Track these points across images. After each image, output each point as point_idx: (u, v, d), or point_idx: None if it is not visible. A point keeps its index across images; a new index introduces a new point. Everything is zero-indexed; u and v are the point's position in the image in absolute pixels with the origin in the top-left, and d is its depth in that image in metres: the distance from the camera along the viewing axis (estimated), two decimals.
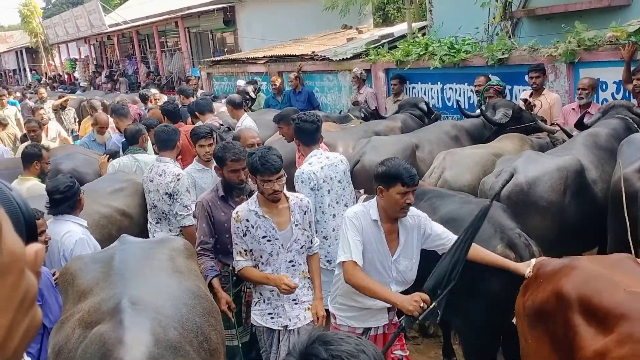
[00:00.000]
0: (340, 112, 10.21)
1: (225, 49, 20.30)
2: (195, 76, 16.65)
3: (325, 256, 4.54)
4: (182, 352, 2.70)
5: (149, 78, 20.96)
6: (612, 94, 7.14)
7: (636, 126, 5.48)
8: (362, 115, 9.03)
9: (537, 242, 4.51)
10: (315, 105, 11.25)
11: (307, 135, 4.57)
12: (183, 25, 19.39)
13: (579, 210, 4.69)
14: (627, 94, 6.90)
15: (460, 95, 9.22)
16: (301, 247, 3.77)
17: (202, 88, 15.49)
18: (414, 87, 10.05)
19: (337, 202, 4.56)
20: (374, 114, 8.50)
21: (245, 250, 3.75)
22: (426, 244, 3.51)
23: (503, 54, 8.18)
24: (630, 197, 4.17)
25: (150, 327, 2.63)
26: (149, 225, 5.29)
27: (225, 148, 4.16)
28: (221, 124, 7.46)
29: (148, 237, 5.10)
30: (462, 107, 8.02)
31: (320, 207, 4.52)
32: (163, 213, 5.15)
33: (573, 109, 6.94)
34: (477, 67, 8.63)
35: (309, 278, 3.85)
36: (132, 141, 6.37)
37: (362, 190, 5.18)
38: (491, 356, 3.63)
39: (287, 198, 3.78)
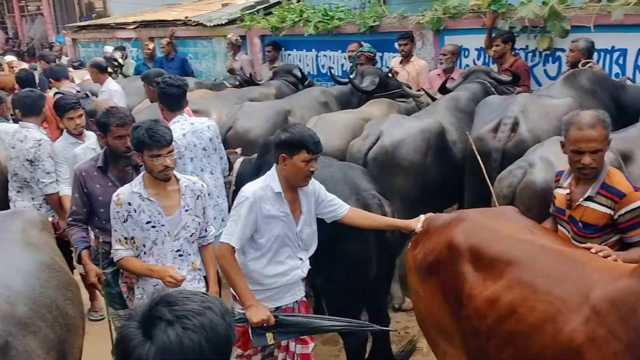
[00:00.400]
0: (215, 80, 10.00)
1: (94, 14, 19.17)
2: (59, 42, 15.60)
3: None
4: (34, 328, 2.54)
5: (7, 45, 19.40)
6: (474, 60, 7.52)
7: (494, 89, 5.80)
8: (238, 83, 8.91)
9: (402, 201, 4.72)
10: (189, 73, 10.89)
11: (171, 100, 4.40)
12: None
13: (440, 169, 4.93)
14: (487, 60, 7.29)
15: (334, 62, 9.33)
16: (191, 235, 3.42)
17: (66, 55, 14.56)
18: (289, 54, 10.02)
19: (202, 170, 4.41)
20: (249, 81, 8.40)
21: (125, 238, 3.38)
22: (318, 210, 3.44)
23: (374, 21, 8.34)
24: (484, 155, 4.43)
25: None
26: (10, 194, 4.97)
27: (109, 113, 3.80)
28: (78, 91, 7.07)
29: (9, 208, 4.78)
30: (335, 74, 8.11)
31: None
32: (25, 181, 4.90)
33: (438, 74, 7.24)
34: (350, 35, 8.74)
35: (199, 270, 3.53)
36: None
37: (238, 150, 5.11)
38: (355, 316, 3.70)
39: (177, 180, 3.43)
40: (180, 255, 3.41)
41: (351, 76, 6.98)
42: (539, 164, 3.66)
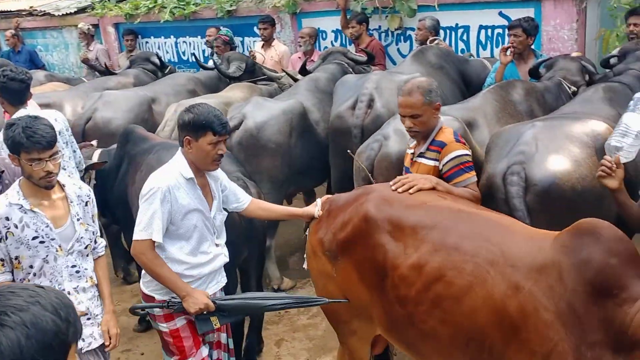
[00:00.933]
0: (74, 75, 9.49)
1: None
2: None
3: None
4: None
5: None
6: (332, 42, 7.72)
7: (351, 69, 6.00)
8: (97, 74, 8.48)
9: (271, 182, 4.79)
10: (39, 66, 10.26)
11: (14, 94, 4.12)
12: None
13: (305, 149, 5.04)
14: (344, 41, 7.51)
15: (194, 48, 9.18)
16: (85, 247, 3.03)
17: None
18: (147, 42, 9.72)
19: None
20: (105, 71, 8.05)
21: (1, 260, 2.86)
22: (222, 199, 3.25)
23: (231, 5, 8.30)
24: (344, 132, 4.60)
25: None
26: None
27: None
28: None
29: None
30: (199, 59, 8.00)
31: None
32: None
33: (299, 57, 7.36)
34: (208, 20, 8.64)
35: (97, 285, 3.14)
36: None
37: (94, 143, 4.90)
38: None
39: (62, 186, 2.99)
40: (77, 272, 3.01)
41: (216, 61, 6.92)
42: (393, 136, 3.86)
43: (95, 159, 4.58)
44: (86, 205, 3.07)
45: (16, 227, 2.84)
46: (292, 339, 4.47)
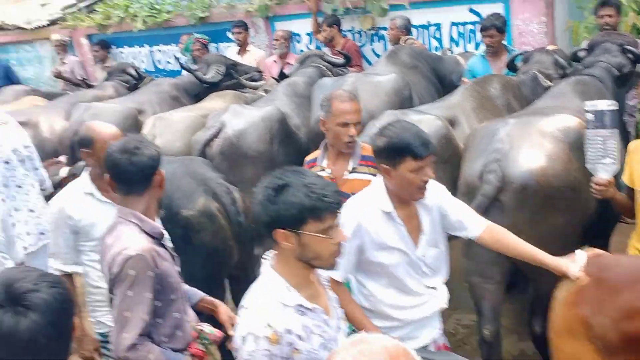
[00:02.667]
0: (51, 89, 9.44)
1: None
2: None
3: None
4: None
5: None
6: (307, 45, 7.77)
7: (329, 72, 6.03)
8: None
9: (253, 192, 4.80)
10: (14, 81, 10.16)
11: None
12: None
13: (287, 155, 5.05)
14: (319, 44, 7.56)
15: (170, 57, 9.16)
16: None
17: None
18: (121, 52, 9.70)
19: (6, 185, 3.99)
20: (82, 85, 8.00)
21: None
22: (445, 224, 2.73)
23: (203, 12, 8.31)
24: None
25: None
26: None
27: None
28: None
29: None
30: (172, 68, 7.98)
31: None
32: None
33: (274, 60, 7.39)
34: (182, 27, 8.64)
35: None
36: None
37: (62, 159, 4.77)
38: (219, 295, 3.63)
39: None
40: None
41: (191, 66, 6.85)
42: None
43: (63, 176, 4.47)
44: None
45: (300, 338, 1.98)
46: None
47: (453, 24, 6.60)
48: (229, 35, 7.94)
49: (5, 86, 8.69)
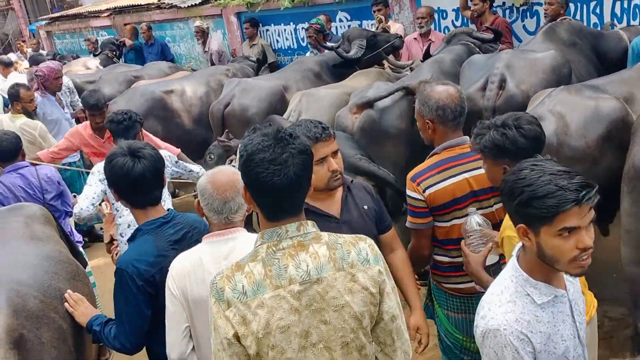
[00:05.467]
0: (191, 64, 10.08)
1: (65, 5, 18.86)
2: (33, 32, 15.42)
3: None
4: (46, 320, 2.58)
5: None
6: (452, 22, 7.53)
7: (478, 49, 5.80)
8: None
9: (391, 169, 4.77)
10: (169, 58, 10.85)
11: None
12: None
13: None
14: (465, 20, 7.30)
15: None
16: None
17: (43, 48, 14.36)
18: (267, 30, 9.97)
19: None
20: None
21: None
22: None
23: None
24: (474, 115, 4.46)
25: (7, 299, 2.48)
26: None
27: None
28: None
29: None
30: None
31: None
32: None
33: (415, 38, 7.25)
34: (327, 5, 8.70)
35: None
36: None
37: None
38: None
39: None
40: None
41: (332, 45, 6.85)
42: (549, 116, 3.64)
43: None
44: None
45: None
46: None
47: None
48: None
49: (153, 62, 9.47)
